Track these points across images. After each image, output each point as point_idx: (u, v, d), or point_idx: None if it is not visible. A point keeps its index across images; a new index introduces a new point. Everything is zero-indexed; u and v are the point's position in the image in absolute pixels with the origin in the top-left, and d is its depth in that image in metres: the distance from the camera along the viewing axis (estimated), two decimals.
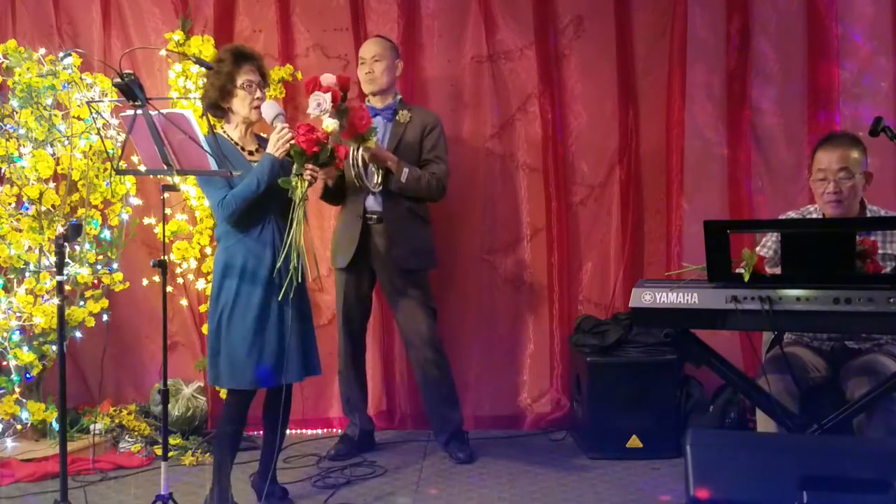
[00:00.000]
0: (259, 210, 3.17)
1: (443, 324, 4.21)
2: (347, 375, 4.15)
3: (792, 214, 3.46)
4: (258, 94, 3.22)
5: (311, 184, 3.16)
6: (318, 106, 3.47)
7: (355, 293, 4.07)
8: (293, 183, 3.14)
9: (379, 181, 3.83)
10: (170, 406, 4.11)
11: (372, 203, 3.94)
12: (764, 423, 3.17)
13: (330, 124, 3.26)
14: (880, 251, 3.13)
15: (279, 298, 3.14)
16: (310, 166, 3.14)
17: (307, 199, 3.16)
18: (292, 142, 3.13)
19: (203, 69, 4.06)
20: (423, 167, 3.94)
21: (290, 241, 3.11)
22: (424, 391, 4.09)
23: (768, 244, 3.36)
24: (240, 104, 3.22)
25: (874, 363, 3.10)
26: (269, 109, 3.22)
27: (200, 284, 4.33)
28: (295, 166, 3.15)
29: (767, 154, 4.40)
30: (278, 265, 3.15)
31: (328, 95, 3.41)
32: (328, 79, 3.48)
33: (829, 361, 3.31)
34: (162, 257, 3.05)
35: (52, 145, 4.06)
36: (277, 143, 3.14)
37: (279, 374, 3.16)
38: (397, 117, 3.98)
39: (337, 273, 4.11)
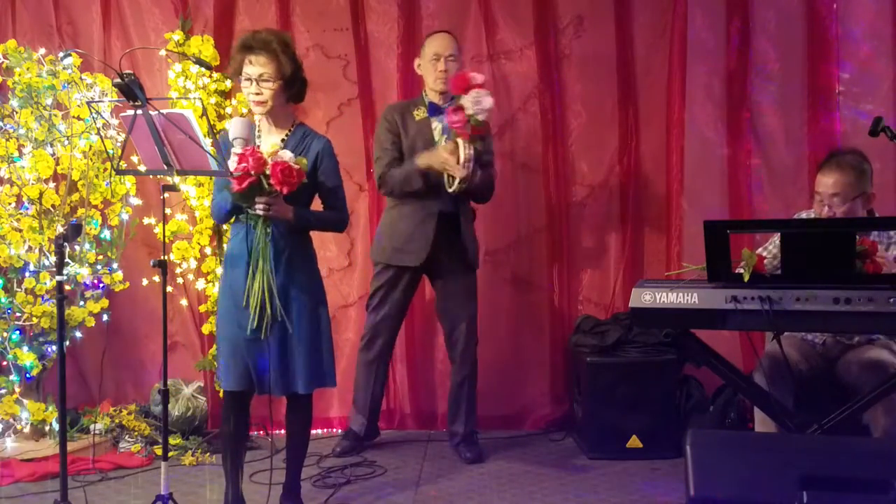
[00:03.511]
0: (238, 213, 3.09)
1: None
2: (377, 372, 4.09)
3: (804, 215, 3.49)
4: (254, 88, 3.04)
5: (268, 217, 2.95)
6: (479, 104, 3.47)
7: (409, 292, 4.05)
8: (252, 223, 3.00)
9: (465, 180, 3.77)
10: (170, 406, 4.11)
11: (446, 202, 3.90)
12: (762, 422, 3.18)
13: (275, 148, 2.93)
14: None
15: (247, 333, 3.01)
16: (260, 200, 2.91)
17: (269, 233, 2.98)
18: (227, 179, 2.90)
19: (203, 69, 4.07)
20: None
21: (256, 294, 2.98)
22: (458, 389, 4.06)
23: (769, 247, 3.37)
24: (246, 99, 3.15)
25: (878, 360, 3.10)
26: (233, 129, 2.98)
27: (200, 284, 4.33)
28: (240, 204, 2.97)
29: (767, 154, 4.40)
30: (252, 305, 3.00)
31: (488, 94, 3.37)
32: (479, 78, 3.47)
33: (822, 355, 3.35)
34: (162, 257, 3.04)
35: (52, 145, 4.06)
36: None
37: (253, 383, 3.08)
38: None
39: (391, 269, 3.98)
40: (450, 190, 3.78)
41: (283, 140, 3.12)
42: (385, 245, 4.00)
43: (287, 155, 2.93)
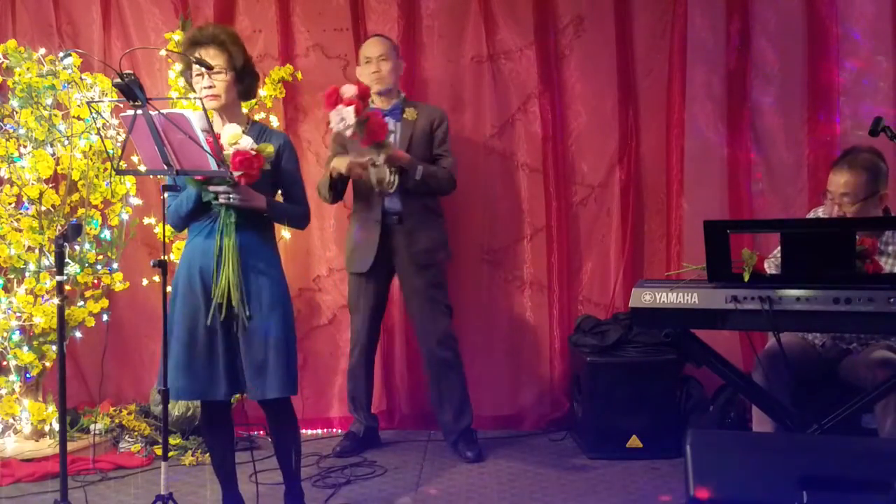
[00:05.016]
0: (203, 211, 3.03)
1: None
2: (358, 374, 4.14)
3: (820, 211, 3.49)
4: (206, 81, 3.01)
5: (231, 206, 2.93)
6: (342, 121, 3.47)
7: (375, 296, 4.07)
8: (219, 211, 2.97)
9: (394, 181, 3.83)
10: (170, 406, 4.10)
11: (390, 204, 3.94)
12: (759, 421, 3.19)
13: (236, 139, 2.94)
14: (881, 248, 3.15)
15: (207, 322, 2.96)
16: (216, 190, 2.90)
17: (232, 223, 2.96)
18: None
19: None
20: (434, 162, 3.98)
21: (223, 285, 2.94)
22: (436, 390, 4.08)
23: (772, 258, 3.36)
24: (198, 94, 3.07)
25: (886, 358, 3.11)
26: (195, 124, 2.91)
27: None
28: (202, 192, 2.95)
29: (767, 154, 4.40)
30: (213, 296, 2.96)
31: (351, 109, 3.38)
32: (349, 91, 3.46)
33: (822, 356, 3.35)
34: (162, 257, 3.04)
35: (52, 145, 4.06)
36: None
37: (208, 388, 2.98)
38: (405, 115, 4.00)
39: (353, 277, 4.09)
40: (377, 191, 3.85)
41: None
42: (346, 253, 4.11)
43: (246, 142, 2.91)
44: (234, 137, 2.93)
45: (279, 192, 3.20)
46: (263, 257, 3.06)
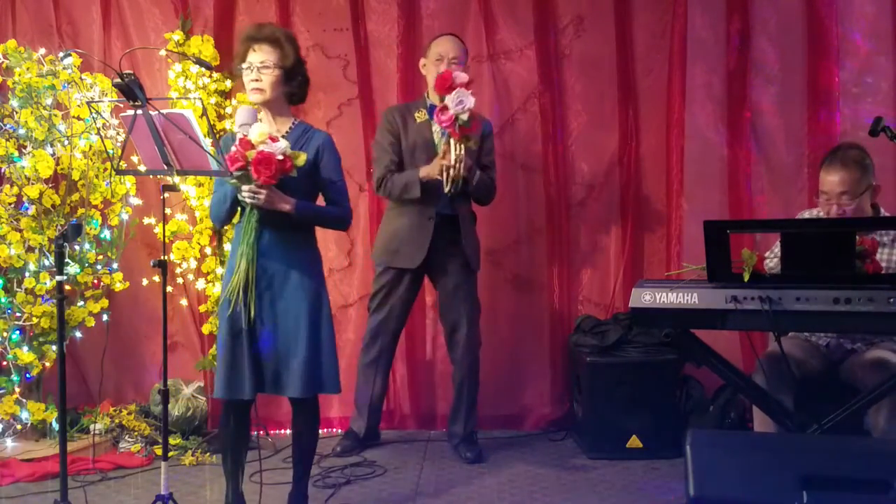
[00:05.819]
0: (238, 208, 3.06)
1: None
2: (377, 371, 4.10)
3: (806, 214, 3.49)
4: (254, 75, 3.01)
5: (255, 206, 2.93)
6: (461, 104, 3.47)
7: (411, 294, 4.06)
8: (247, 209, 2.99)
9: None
10: (170, 406, 4.11)
11: (443, 205, 3.92)
12: (762, 422, 3.19)
13: (264, 137, 2.90)
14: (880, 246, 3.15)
15: (228, 314, 3.00)
16: (245, 188, 2.89)
17: (254, 223, 2.97)
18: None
19: (203, 69, 4.07)
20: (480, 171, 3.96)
21: (238, 279, 2.95)
22: (458, 390, 4.08)
23: (771, 256, 3.37)
24: (246, 88, 3.08)
25: (882, 359, 3.11)
26: (238, 117, 2.97)
27: (200, 284, 4.33)
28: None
29: (767, 154, 4.40)
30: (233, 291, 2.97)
31: (469, 93, 3.40)
32: (462, 77, 3.48)
33: (825, 357, 3.34)
34: (162, 257, 3.04)
35: (52, 145, 4.06)
36: None
37: (243, 389, 3.00)
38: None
39: (389, 271, 4.01)
40: (445, 190, 3.77)
41: (284, 135, 3.06)
42: (385, 246, 4.02)
43: (279, 145, 2.90)
44: (261, 136, 2.91)
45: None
46: (288, 260, 3.04)
